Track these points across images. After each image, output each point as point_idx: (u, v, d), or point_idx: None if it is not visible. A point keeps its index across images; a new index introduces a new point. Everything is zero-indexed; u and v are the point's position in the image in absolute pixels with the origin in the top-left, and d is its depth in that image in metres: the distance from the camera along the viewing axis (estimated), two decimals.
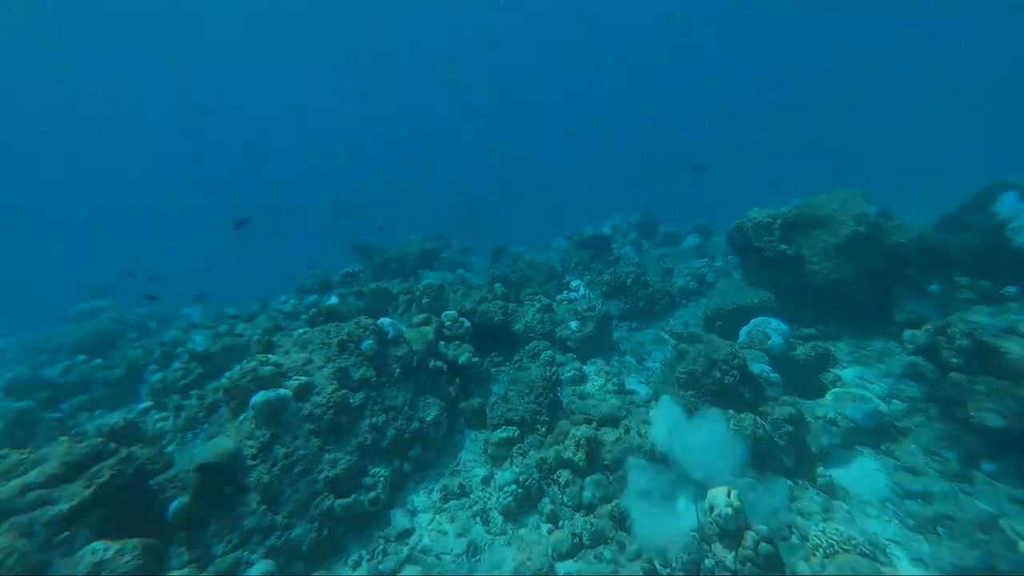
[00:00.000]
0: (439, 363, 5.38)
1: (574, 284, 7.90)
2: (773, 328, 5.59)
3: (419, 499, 4.54)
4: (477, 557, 3.92)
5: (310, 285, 10.11)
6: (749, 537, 2.87)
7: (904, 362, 5.76)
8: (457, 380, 5.46)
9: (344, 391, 4.43)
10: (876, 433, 5.07)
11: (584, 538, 3.65)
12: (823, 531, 3.52)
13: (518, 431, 4.60)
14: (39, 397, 7.14)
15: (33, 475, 3.59)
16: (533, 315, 6.62)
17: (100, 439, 3.90)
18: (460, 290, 7.30)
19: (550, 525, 3.90)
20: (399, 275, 11.01)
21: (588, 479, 3.98)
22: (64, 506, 3.45)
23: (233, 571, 3.70)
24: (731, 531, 2.93)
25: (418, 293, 7.34)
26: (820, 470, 4.42)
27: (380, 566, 3.94)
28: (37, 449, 3.86)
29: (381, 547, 4.11)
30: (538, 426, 4.62)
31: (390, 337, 4.97)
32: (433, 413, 4.84)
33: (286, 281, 12.09)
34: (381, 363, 4.80)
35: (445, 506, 4.37)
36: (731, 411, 4.31)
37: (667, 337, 8.14)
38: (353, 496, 4.17)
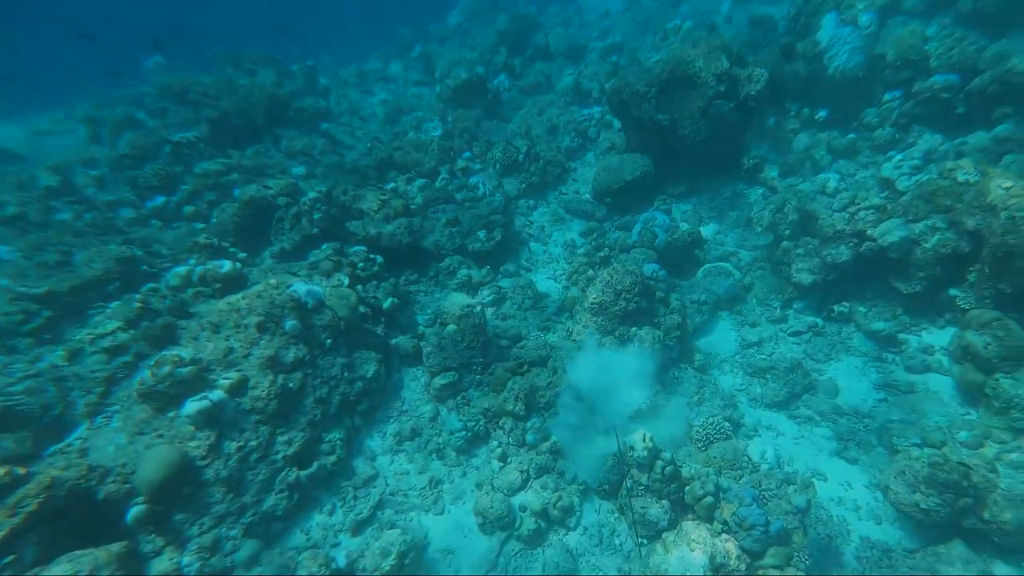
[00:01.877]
0: (364, 308, 5.42)
1: (473, 181, 7.77)
2: (659, 226, 6.26)
3: (375, 443, 5.03)
4: (439, 488, 4.67)
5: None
6: (658, 465, 3.80)
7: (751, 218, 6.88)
8: (383, 319, 5.60)
9: (281, 377, 4.45)
10: (731, 300, 6.28)
11: (531, 472, 4.48)
12: (702, 424, 4.66)
13: (456, 375, 5.07)
14: None
15: None
16: (441, 232, 6.61)
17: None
18: (350, 192, 6.87)
19: (501, 463, 4.66)
20: (249, 136, 9.72)
21: (528, 424, 4.72)
22: None
23: (216, 547, 4.04)
24: (646, 463, 3.82)
25: (306, 206, 6.81)
26: (697, 357, 5.56)
27: (353, 513, 4.54)
28: None
29: (351, 495, 4.66)
30: (474, 366, 5.13)
31: (311, 307, 4.84)
32: (373, 369, 5.08)
33: None
34: (309, 337, 4.76)
35: (401, 448, 4.92)
36: (634, 329, 5.14)
37: (564, 214, 8.62)
38: (316, 464, 4.53)
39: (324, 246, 6.47)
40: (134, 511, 3.85)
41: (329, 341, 4.88)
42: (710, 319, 6.04)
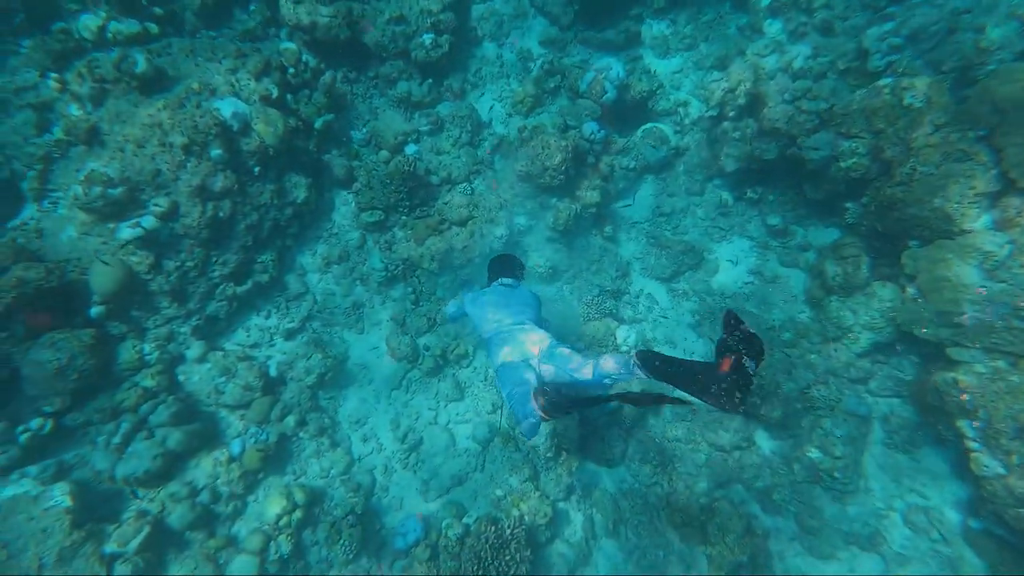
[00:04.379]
0: (295, 122, 5.29)
1: None
2: (610, 80, 5.97)
3: (305, 260, 5.60)
4: (361, 311, 5.51)
5: None
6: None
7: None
8: (315, 136, 5.53)
9: (211, 205, 4.64)
10: (660, 168, 6.60)
11: (438, 319, 5.35)
12: (588, 301, 5.54)
13: (383, 214, 5.40)
14: None
15: None
16: (383, 29, 5.94)
17: None
18: None
19: (414, 305, 5.44)
20: None
21: (440, 279, 5.37)
22: None
23: (169, 339, 4.90)
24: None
25: None
26: (607, 228, 6.10)
27: (286, 320, 5.38)
28: None
29: (284, 305, 5.43)
30: (401, 208, 5.43)
31: (236, 130, 4.70)
32: (303, 195, 5.28)
33: None
34: (237, 163, 4.78)
35: (329, 270, 5.55)
36: (554, 200, 5.51)
37: (527, 6, 7.69)
38: (250, 281, 5.12)
39: (252, 7, 5.82)
40: (95, 311, 4.45)
41: (257, 168, 4.94)
42: (633, 183, 6.39)
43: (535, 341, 3.23)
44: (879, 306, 4.97)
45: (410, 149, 5.84)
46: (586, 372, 2.95)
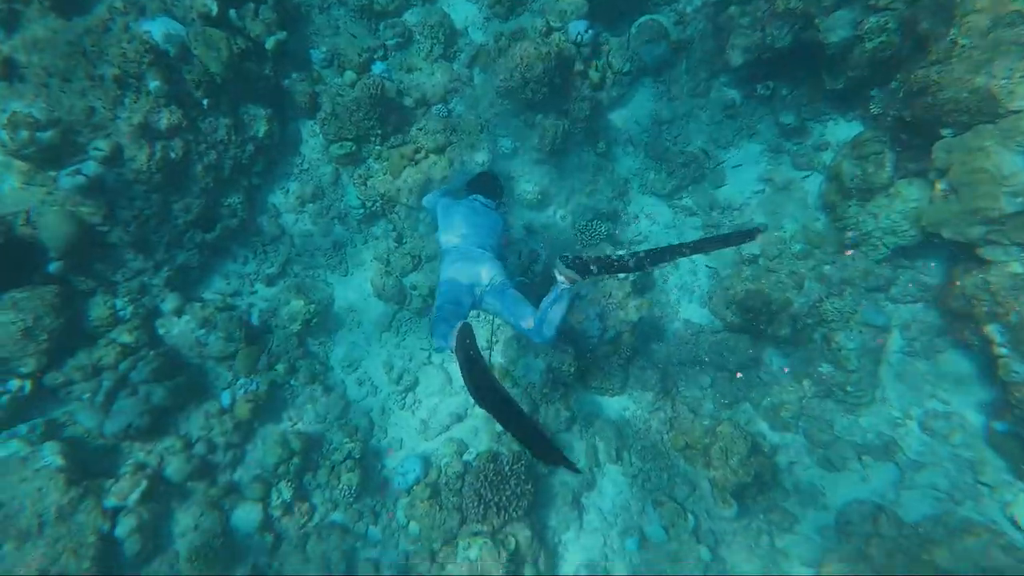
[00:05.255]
0: (242, 42, 4.71)
1: None
2: None
3: (277, 199, 5.22)
4: (343, 251, 5.18)
5: None
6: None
7: None
8: (269, 60, 4.96)
9: (159, 145, 4.21)
10: (658, 69, 5.91)
11: (422, 257, 5.02)
12: (581, 227, 5.13)
13: (354, 145, 4.92)
14: None
15: None
16: None
17: None
18: None
19: (396, 244, 5.07)
20: None
21: (421, 214, 4.95)
22: None
23: (142, 292, 4.63)
24: None
25: None
26: (600, 145, 5.54)
27: (265, 266, 5.09)
28: None
29: (261, 250, 5.12)
30: (372, 137, 4.93)
31: (173, 56, 4.17)
32: (264, 127, 4.81)
33: None
34: (181, 96, 4.29)
35: (304, 209, 5.17)
36: (539, 116, 4.95)
37: None
38: (219, 227, 4.79)
39: None
40: (53, 266, 4.19)
41: (206, 101, 4.45)
42: (629, 90, 5.74)
43: (488, 271, 3.22)
44: (902, 207, 4.48)
45: (377, 68, 5.24)
46: (528, 323, 2.96)
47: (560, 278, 2.84)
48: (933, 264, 4.68)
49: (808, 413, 4.75)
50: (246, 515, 4.41)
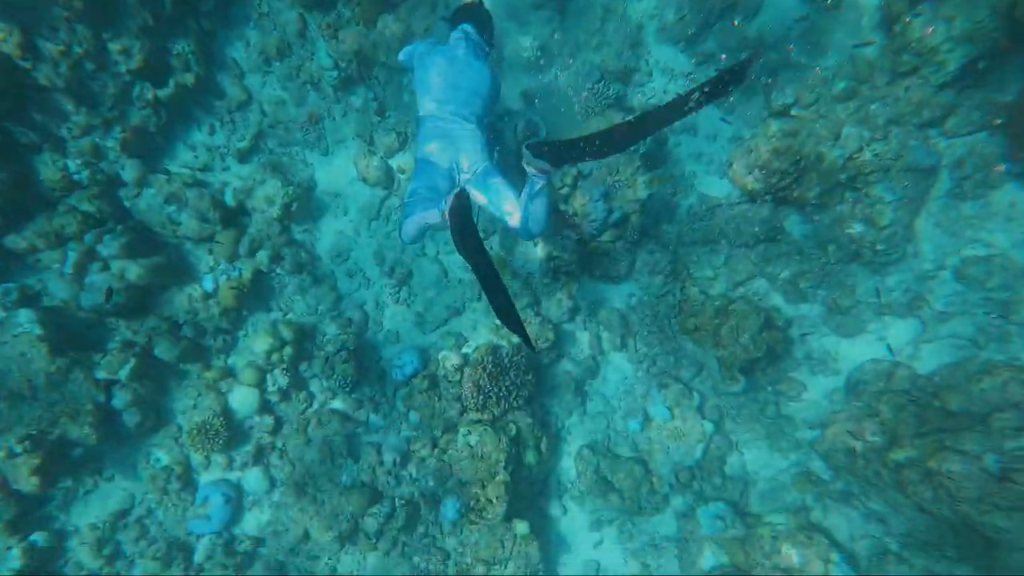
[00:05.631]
0: None
1: None
2: None
3: (238, 54, 4.49)
4: (321, 124, 4.56)
5: None
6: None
7: None
8: None
9: None
10: None
11: (408, 133, 4.46)
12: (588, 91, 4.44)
13: None
14: None
15: None
16: None
17: None
18: None
19: (379, 117, 4.51)
20: None
21: (405, 80, 4.29)
22: None
23: (96, 154, 4.06)
24: None
25: None
26: None
27: (235, 138, 4.52)
28: None
29: (227, 117, 4.53)
30: None
31: None
32: None
33: None
34: None
35: (270, 69, 4.49)
36: None
37: None
38: (172, 81, 4.17)
39: None
40: None
41: None
42: None
43: (470, 154, 2.93)
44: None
45: None
46: (515, 220, 2.76)
47: (530, 170, 2.50)
48: (1011, 80, 3.84)
49: (830, 280, 4.44)
50: (243, 398, 4.32)
